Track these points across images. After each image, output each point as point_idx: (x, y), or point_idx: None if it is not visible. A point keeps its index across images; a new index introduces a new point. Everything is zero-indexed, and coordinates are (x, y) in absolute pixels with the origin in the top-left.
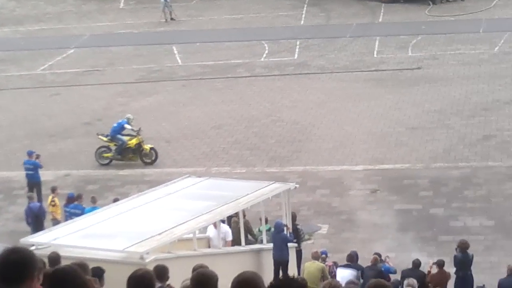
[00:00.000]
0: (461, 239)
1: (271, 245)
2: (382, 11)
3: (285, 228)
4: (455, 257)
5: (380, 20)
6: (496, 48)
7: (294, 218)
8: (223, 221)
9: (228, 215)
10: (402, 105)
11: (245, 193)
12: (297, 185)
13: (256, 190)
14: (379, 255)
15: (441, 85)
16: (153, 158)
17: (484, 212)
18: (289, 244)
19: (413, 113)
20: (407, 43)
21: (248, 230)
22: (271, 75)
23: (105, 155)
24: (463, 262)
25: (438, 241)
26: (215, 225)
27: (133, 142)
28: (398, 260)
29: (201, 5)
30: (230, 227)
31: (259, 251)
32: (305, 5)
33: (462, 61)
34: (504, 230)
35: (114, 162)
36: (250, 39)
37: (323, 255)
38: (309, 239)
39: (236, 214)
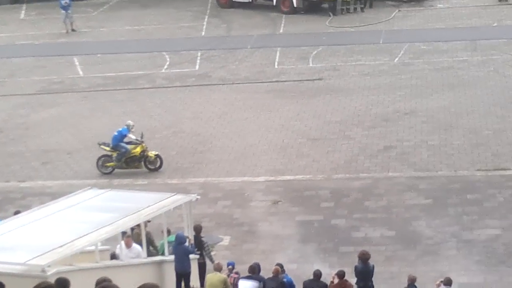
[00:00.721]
0: (362, 249)
1: (173, 257)
2: (283, 22)
3: (187, 240)
4: (355, 267)
5: (281, 31)
6: (396, 59)
7: (199, 230)
8: (124, 233)
9: (130, 226)
10: (304, 116)
11: (146, 204)
12: (199, 197)
13: (158, 202)
14: (281, 266)
15: (342, 96)
16: (158, 165)
17: (385, 222)
18: (191, 256)
19: (314, 124)
20: (308, 54)
21: (150, 242)
22: (173, 87)
23: (108, 164)
24: (364, 272)
25: (339, 252)
26: (127, 243)
27: (138, 150)
28: (300, 271)
29: (102, 16)
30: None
31: (161, 263)
32: (206, 16)
33: (362, 72)
34: (405, 240)
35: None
36: (151, 50)
37: (230, 266)
38: (211, 250)
39: (138, 226)
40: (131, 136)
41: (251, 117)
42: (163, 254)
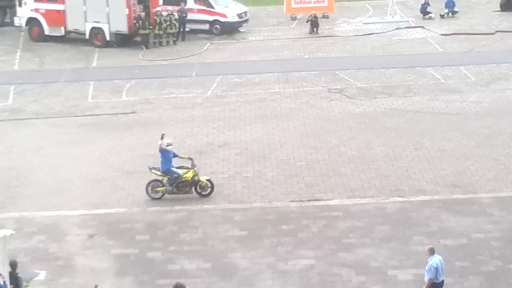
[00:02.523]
0: (177, 281)
1: None
2: (96, 55)
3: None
4: None
5: (94, 65)
6: (209, 92)
7: (15, 265)
8: None
9: None
10: (118, 149)
11: None
12: (13, 232)
13: None
14: None
15: (156, 129)
16: (209, 190)
17: (201, 254)
18: None
19: (129, 157)
20: (122, 88)
21: None
22: None
23: (158, 189)
24: None
25: (156, 284)
26: None
27: (190, 175)
28: None
29: None
30: None
31: None
32: (19, 50)
33: (175, 105)
34: (221, 272)
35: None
36: None
37: None
38: (26, 286)
39: None
40: (182, 156)
41: (66, 151)
42: None
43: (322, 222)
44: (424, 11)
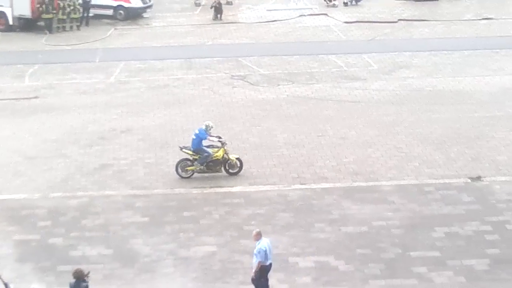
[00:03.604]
0: (76, 267)
1: None
2: None
3: None
4: (69, 285)
5: None
6: (112, 77)
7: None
8: None
9: None
10: (19, 135)
11: None
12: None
13: None
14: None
15: (58, 114)
16: (238, 169)
17: (102, 241)
18: None
19: (31, 143)
20: (24, 72)
21: None
22: None
23: (188, 168)
24: None
25: (57, 271)
26: None
27: (220, 154)
28: None
29: None
30: None
31: None
32: None
33: (78, 90)
34: (122, 258)
35: None
36: None
37: None
38: None
39: None
40: (212, 139)
41: None
42: None
43: (224, 209)
44: None
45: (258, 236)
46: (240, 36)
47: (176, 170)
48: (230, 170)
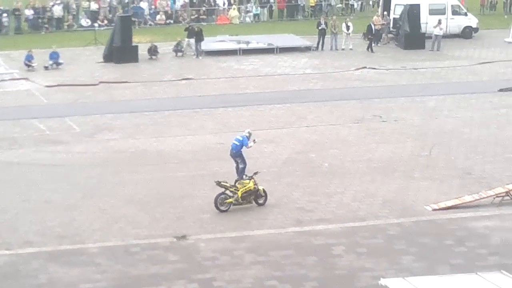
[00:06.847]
0: None
1: None
2: None
3: None
4: None
5: None
6: None
7: None
8: None
9: None
10: None
11: None
12: None
13: None
14: None
15: None
16: (264, 199)
17: None
18: None
19: None
20: None
21: None
22: None
23: (227, 201)
24: None
25: None
26: None
27: (251, 184)
28: None
29: None
30: None
31: None
32: None
33: None
34: None
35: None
36: None
37: None
38: None
39: None
40: (251, 144)
41: None
42: None
43: None
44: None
45: None
46: None
47: (216, 204)
48: (259, 201)
